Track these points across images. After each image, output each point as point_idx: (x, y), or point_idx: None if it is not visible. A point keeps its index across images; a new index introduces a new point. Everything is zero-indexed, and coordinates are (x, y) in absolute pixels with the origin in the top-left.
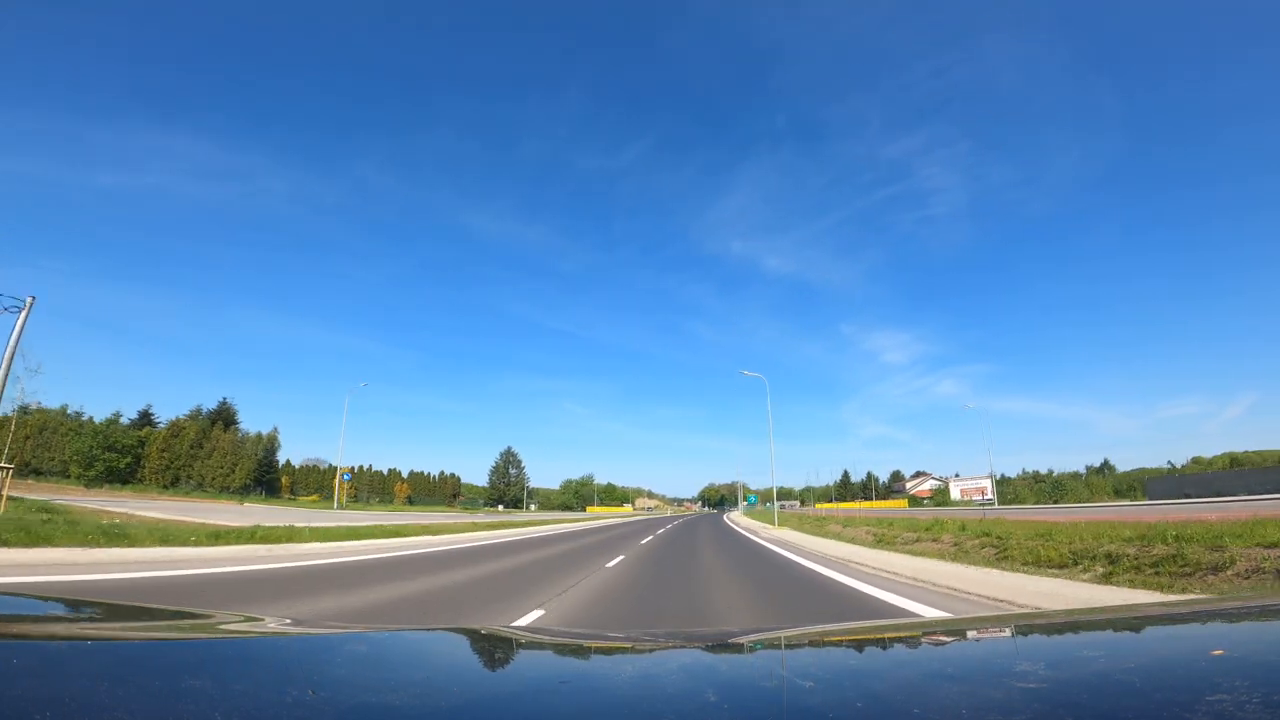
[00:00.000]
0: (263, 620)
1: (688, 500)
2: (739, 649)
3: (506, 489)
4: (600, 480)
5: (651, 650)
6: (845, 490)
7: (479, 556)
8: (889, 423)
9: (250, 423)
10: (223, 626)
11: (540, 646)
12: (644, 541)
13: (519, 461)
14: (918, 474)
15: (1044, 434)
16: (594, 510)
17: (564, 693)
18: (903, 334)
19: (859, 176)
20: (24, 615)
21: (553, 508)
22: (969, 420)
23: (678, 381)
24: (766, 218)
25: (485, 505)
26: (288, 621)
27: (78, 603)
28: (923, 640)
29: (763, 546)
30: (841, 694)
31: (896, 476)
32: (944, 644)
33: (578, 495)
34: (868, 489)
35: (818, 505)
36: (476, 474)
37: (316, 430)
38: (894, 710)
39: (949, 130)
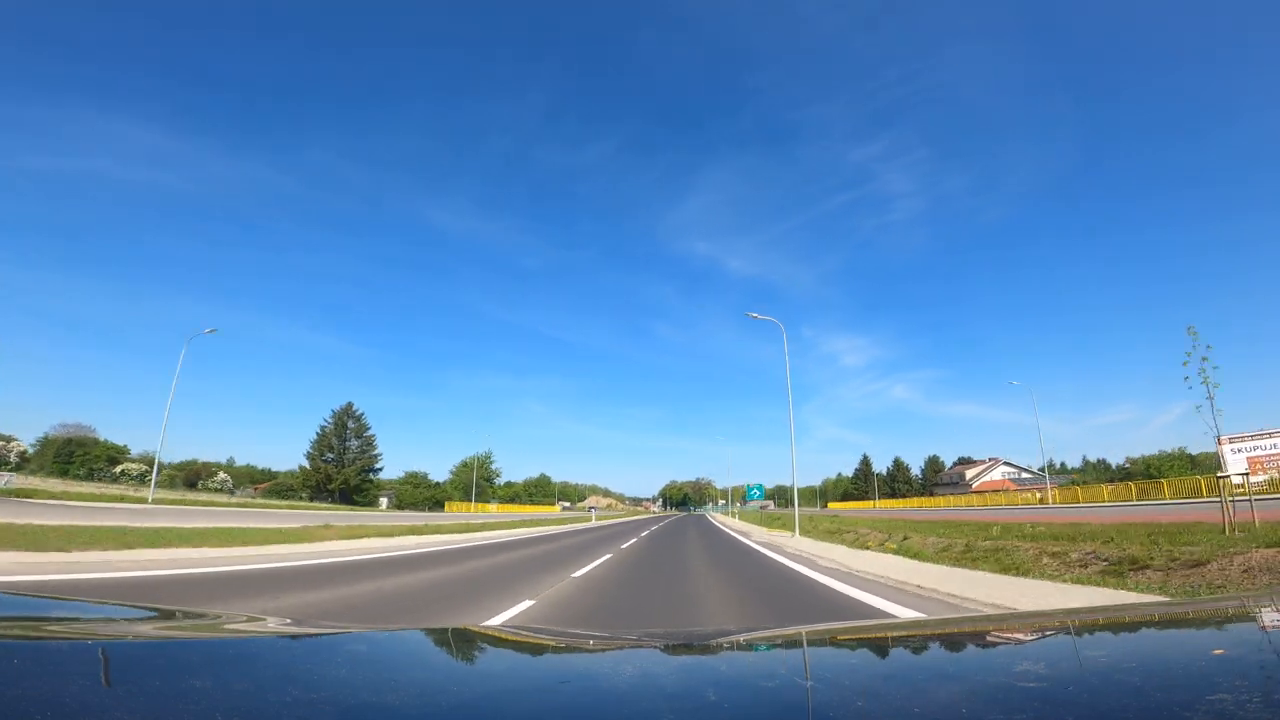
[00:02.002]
0: (263, 620)
1: (647, 500)
2: (739, 648)
3: (338, 471)
4: (520, 470)
5: (651, 649)
6: (865, 484)
7: None
8: (844, 425)
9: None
10: (222, 626)
11: (540, 646)
12: None
13: (364, 429)
14: (962, 461)
15: (990, 438)
16: (462, 510)
17: (564, 692)
18: (860, 338)
19: (821, 181)
20: (24, 615)
21: (416, 503)
22: (920, 424)
23: (640, 381)
24: (730, 220)
25: (302, 498)
26: (288, 621)
27: (77, 603)
28: (922, 640)
29: None
30: (841, 693)
31: (934, 464)
32: (944, 644)
33: (462, 488)
34: (895, 482)
35: (833, 506)
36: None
37: (269, 427)
38: (894, 709)
39: (910, 137)
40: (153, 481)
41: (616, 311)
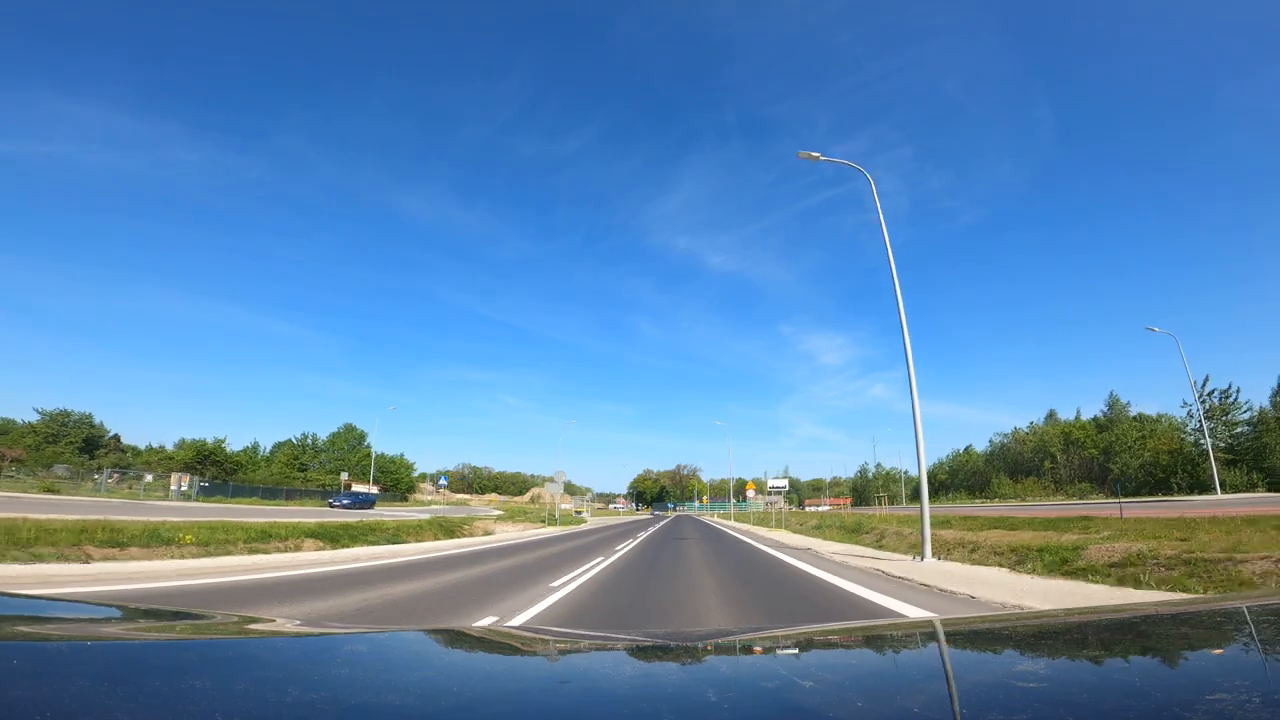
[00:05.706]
0: (263, 620)
1: (621, 495)
2: (739, 649)
3: None
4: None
5: (651, 650)
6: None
7: None
8: (822, 424)
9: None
10: (223, 626)
11: (540, 646)
12: None
13: None
14: None
15: (965, 439)
16: None
17: (564, 692)
18: (839, 337)
19: (803, 177)
20: (24, 615)
21: None
22: (896, 426)
23: (616, 374)
24: (710, 214)
25: None
26: (290, 622)
27: (78, 603)
28: (922, 639)
29: None
30: (841, 693)
31: None
32: (944, 643)
33: None
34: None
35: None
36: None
37: (227, 413)
38: (894, 709)
39: (892, 134)
40: None
41: (592, 305)
